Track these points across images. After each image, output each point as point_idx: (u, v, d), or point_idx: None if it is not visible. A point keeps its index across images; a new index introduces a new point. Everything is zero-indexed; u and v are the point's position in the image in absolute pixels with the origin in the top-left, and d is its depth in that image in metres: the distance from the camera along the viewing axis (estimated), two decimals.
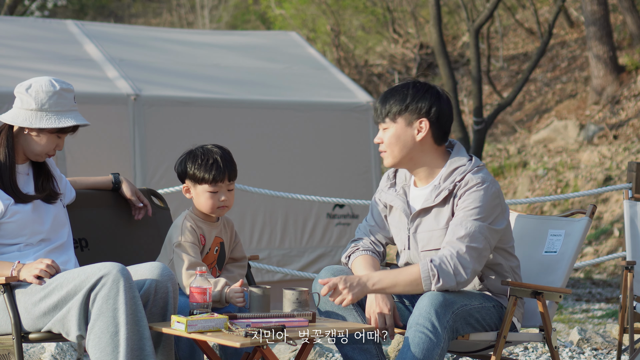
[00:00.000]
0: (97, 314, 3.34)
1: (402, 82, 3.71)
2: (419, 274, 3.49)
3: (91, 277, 3.37)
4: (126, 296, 3.33)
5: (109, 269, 3.37)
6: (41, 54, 8.43)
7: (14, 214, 3.61)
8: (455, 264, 3.49)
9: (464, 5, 13.56)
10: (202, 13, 23.94)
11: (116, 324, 3.32)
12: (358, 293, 3.47)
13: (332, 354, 5.46)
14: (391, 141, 3.64)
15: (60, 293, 3.40)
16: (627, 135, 14.17)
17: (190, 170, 3.78)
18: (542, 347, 5.91)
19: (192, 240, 3.76)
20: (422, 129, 3.62)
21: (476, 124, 12.19)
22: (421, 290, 3.52)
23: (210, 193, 3.77)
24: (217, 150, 3.81)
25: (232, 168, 3.81)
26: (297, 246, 8.47)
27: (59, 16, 22.56)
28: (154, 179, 7.82)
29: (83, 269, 3.43)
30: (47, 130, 3.67)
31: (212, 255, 3.86)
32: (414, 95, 3.62)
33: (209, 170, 3.76)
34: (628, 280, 4.72)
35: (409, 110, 3.62)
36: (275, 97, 8.73)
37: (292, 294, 3.47)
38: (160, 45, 9.46)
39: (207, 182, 3.76)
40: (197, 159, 3.79)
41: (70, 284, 3.40)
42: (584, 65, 16.72)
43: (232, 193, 3.82)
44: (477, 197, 3.55)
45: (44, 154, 3.72)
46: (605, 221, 12.60)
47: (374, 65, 20.31)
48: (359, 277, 3.50)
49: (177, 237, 3.76)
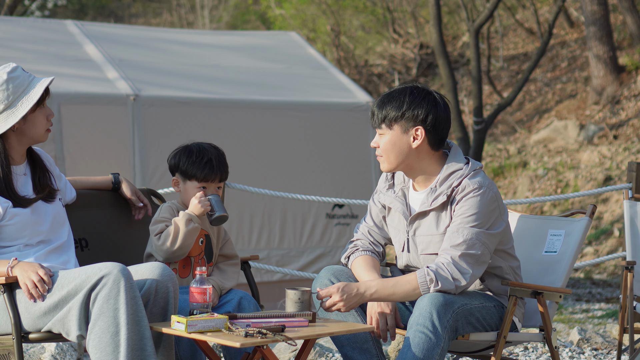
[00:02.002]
0: (97, 314, 3.34)
1: (400, 86, 3.69)
2: (417, 283, 3.50)
3: (92, 277, 3.36)
4: (127, 296, 3.33)
5: (110, 269, 3.36)
6: (41, 55, 8.43)
7: (13, 217, 3.60)
8: (452, 271, 3.51)
9: (464, 5, 13.55)
10: (202, 13, 23.94)
11: (117, 324, 3.32)
12: (354, 305, 3.51)
13: (332, 354, 5.46)
14: (387, 147, 3.64)
15: (61, 293, 3.40)
16: (627, 135, 14.17)
17: (183, 165, 3.83)
18: (542, 347, 5.91)
19: (167, 216, 3.81)
20: (418, 137, 3.61)
21: (476, 124, 12.19)
22: (418, 297, 3.54)
23: (198, 190, 3.83)
24: (212, 150, 3.86)
25: (225, 170, 3.86)
26: (296, 246, 8.46)
27: (59, 16, 22.55)
28: (154, 179, 7.82)
29: (84, 269, 3.42)
30: (30, 112, 3.63)
31: (197, 246, 3.87)
32: (410, 103, 3.60)
33: (201, 168, 3.81)
34: (628, 280, 4.72)
35: (405, 118, 3.60)
36: (275, 97, 8.73)
37: (294, 293, 3.47)
38: (160, 45, 9.45)
39: (198, 180, 3.81)
40: (191, 155, 3.83)
41: (71, 283, 3.39)
42: (584, 65, 16.72)
43: (219, 192, 3.87)
44: (473, 204, 3.55)
45: (44, 132, 3.68)
46: (605, 221, 12.60)
47: (374, 65, 20.31)
48: (357, 287, 3.51)
49: (156, 215, 3.83)
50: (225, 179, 3.87)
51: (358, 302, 3.52)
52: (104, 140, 7.79)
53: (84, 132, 7.73)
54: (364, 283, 3.54)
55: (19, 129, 3.64)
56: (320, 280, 3.70)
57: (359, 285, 3.53)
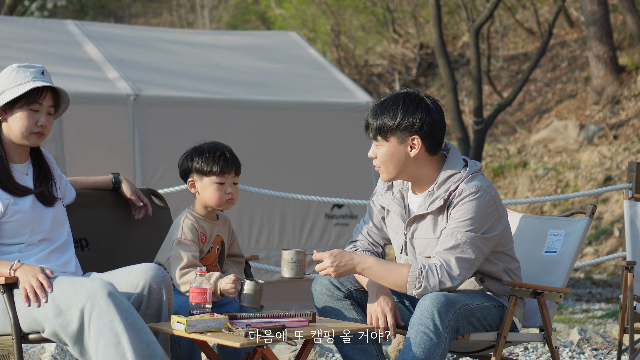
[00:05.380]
0: (96, 335, 3.32)
1: (391, 94, 3.65)
2: (407, 279, 3.51)
3: (80, 297, 3.36)
4: (118, 309, 3.32)
5: (95, 288, 3.35)
6: (41, 55, 8.43)
7: (14, 214, 3.61)
8: (442, 274, 3.51)
9: (464, 5, 13.55)
10: (202, 13, 23.95)
11: (116, 334, 3.30)
12: (345, 273, 3.54)
13: (332, 354, 5.46)
14: (385, 159, 3.63)
15: (55, 303, 3.40)
16: (627, 135, 14.17)
17: (198, 163, 3.83)
18: (542, 347, 5.91)
19: (191, 238, 3.77)
20: (415, 146, 3.60)
21: (476, 124, 12.19)
22: (403, 292, 3.56)
23: (217, 185, 3.80)
24: (222, 145, 3.89)
25: (238, 163, 3.88)
26: (295, 246, 8.46)
27: (59, 16, 22.56)
28: (154, 178, 7.82)
29: (72, 284, 3.40)
30: (17, 107, 3.62)
31: (213, 254, 3.87)
32: (404, 113, 3.58)
33: (217, 162, 3.81)
34: (628, 280, 4.72)
35: (400, 129, 3.59)
36: (275, 97, 8.73)
37: (288, 254, 3.50)
38: (160, 45, 9.46)
39: (215, 174, 3.80)
40: (204, 152, 3.84)
41: (63, 297, 3.39)
42: (584, 65, 16.72)
43: (237, 187, 3.87)
44: (470, 208, 3.55)
45: (28, 133, 3.64)
46: (605, 221, 12.60)
47: (374, 65, 20.31)
48: (351, 256, 3.53)
49: (177, 235, 3.77)
50: (239, 172, 3.87)
51: (349, 272, 3.54)
52: (104, 140, 7.79)
53: (84, 132, 7.73)
54: (360, 255, 3.56)
55: (7, 122, 3.64)
56: (320, 280, 3.71)
57: (353, 255, 3.54)
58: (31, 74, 3.63)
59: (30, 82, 3.62)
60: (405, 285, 3.52)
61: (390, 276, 3.53)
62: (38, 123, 3.64)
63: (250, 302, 3.55)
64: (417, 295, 3.53)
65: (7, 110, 3.64)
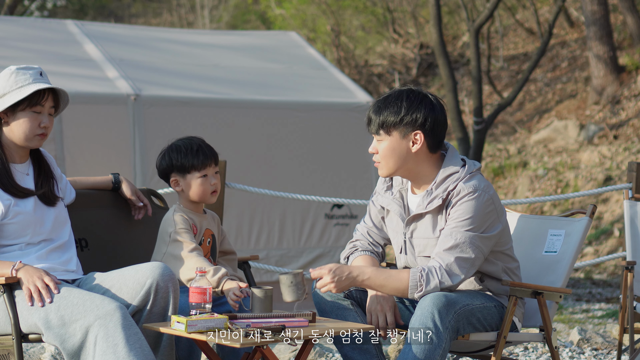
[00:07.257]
0: (101, 355, 3.32)
1: (395, 91, 3.65)
2: (407, 284, 3.51)
3: (89, 313, 3.35)
4: (125, 333, 3.31)
5: (106, 311, 3.34)
6: (41, 54, 8.43)
7: (16, 215, 3.60)
8: (442, 275, 3.51)
9: (464, 5, 13.55)
10: (202, 13, 23.94)
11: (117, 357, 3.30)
12: (345, 287, 3.52)
13: (332, 354, 5.46)
14: (386, 153, 3.63)
15: (59, 314, 3.39)
16: (627, 135, 14.17)
17: (178, 161, 3.85)
18: (542, 347, 5.91)
19: (185, 227, 3.80)
20: (418, 141, 3.60)
21: (476, 124, 12.19)
22: (406, 297, 3.55)
23: (201, 179, 3.84)
24: (196, 139, 3.93)
25: (215, 153, 3.92)
26: (295, 246, 8.46)
27: (59, 16, 22.55)
28: (154, 179, 7.82)
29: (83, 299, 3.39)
30: (20, 110, 3.63)
31: (205, 247, 3.89)
32: (408, 108, 3.58)
33: (196, 156, 3.85)
34: (628, 280, 4.72)
35: (403, 124, 3.59)
36: (275, 97, 8.73)
37: (286, 277, 3.47)
38: (160, 45, 9.46)
39: (197, 169, 3.83)
40: (181, 149, 3.88)
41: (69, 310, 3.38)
42: (584, 65, 16.72)
43: (218, 177, 3.90)
44: (468, 208, 3.55)
45: (32, 135, 3.65)
46: (605, 221, 12.60)
47: (374, 65, 20.31)
48: (350, 270, 3.52)
49: (171, 228, 3.79)
50: (217, 163, 3.91)
51: (349, 285, 3.52)
52: (104, 140, 7.79)
53: (84, 132, 7.72)
54: (358, 268, 3.55)
55: (9, 126, 3.64)
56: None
57: (352, 268, 3.53)
58: (31, 75, 3.64)
59: (32, 84, 3.62)
60: (407, 291, 3.52)
61: (391, 283, 3.53)
62: (41, 124, 3.66)
63: (260, 310, 3.52)
64: (418, 298, 3.53)
65: (9, 113, 3.64)
